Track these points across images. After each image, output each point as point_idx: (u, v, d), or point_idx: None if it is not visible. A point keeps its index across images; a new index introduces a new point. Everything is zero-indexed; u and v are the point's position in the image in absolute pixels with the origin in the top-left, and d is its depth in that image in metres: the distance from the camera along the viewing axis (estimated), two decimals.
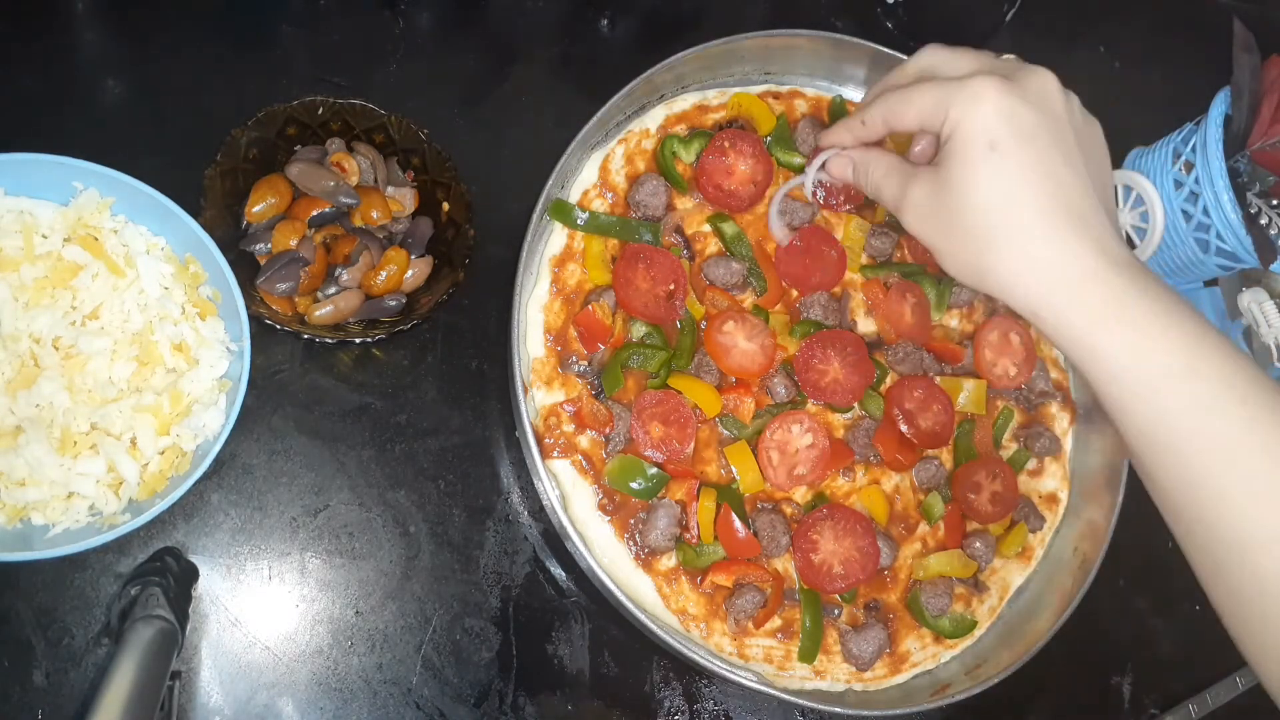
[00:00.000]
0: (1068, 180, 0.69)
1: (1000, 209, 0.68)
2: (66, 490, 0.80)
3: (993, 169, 0.68)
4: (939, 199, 0.71)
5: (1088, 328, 0.67)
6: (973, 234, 0.69)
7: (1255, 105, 1.07)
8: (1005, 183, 0.68)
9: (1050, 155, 0.69)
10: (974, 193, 0.69)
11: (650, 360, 0.96)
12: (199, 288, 0.88)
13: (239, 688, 0.88)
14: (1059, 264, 0.67)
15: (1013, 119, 0.68)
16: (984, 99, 0.68)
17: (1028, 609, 1.03)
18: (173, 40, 1.03)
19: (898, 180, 0.75)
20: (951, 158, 0.69)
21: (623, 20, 1.17)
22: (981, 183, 0.68)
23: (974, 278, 0.71)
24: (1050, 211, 0.68)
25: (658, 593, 0.92)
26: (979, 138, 0.68)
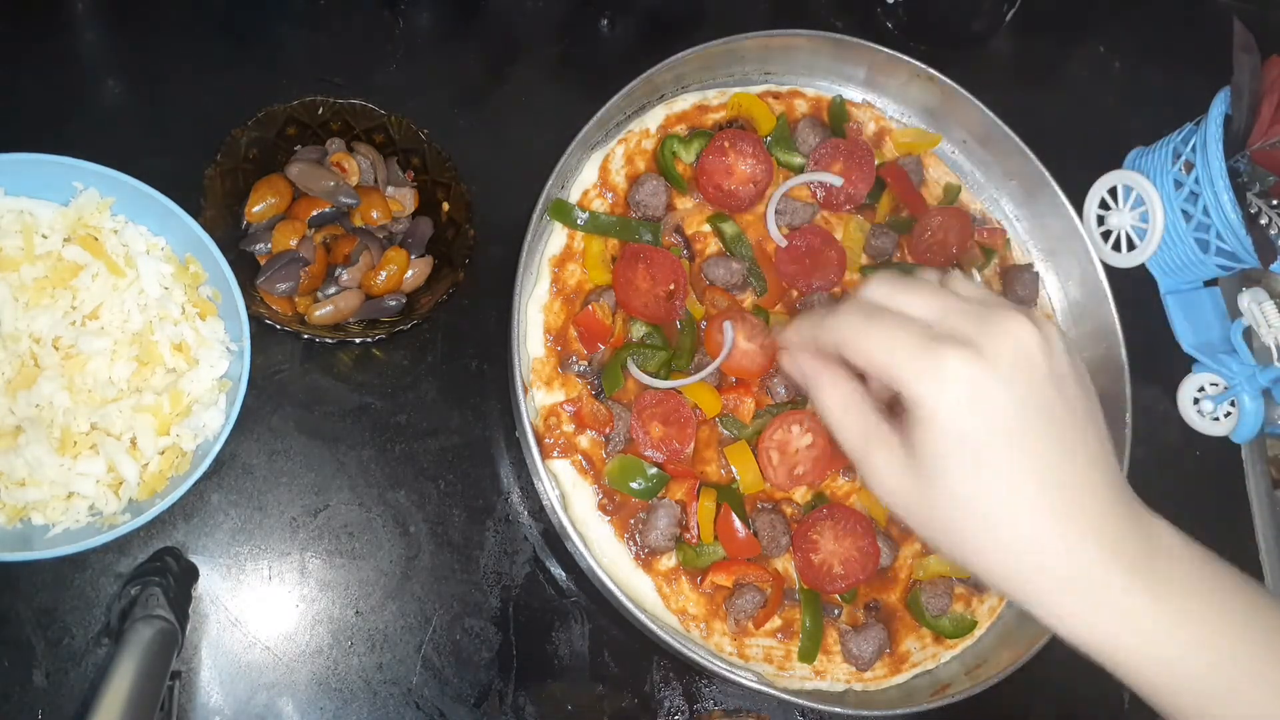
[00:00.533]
0: (1057, 464, 0.60)
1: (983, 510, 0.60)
2: (66, 490, 0.80)
3: (973, 470, 0.59)
4: (909, 476, 0.62)
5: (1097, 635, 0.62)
6: (951, 523, 0.61)
7: (1255, 105, 1.07)
8: (986, 484, 0.60)
9: (1037, 444, 0.59)
10: (953, 487, 0.60)
11: (650, 360, 0.96)
12: (199, 288, 0.88)
13: (239, 688, 0.88)
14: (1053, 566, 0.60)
15: (990, 410, 0.59)
16: (956, 385, 0.58)
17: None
18: (173, 40, 1.03)
19: (858, 429, 0.64)
20: (926, 454, 0.60)
21: (623, 20, 1.17)
22: (962, 481, 0.60)
23: (950, 557, 0.63)
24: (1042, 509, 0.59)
25: (658, 593, 0.92)
26: (954, 435, 0.59)
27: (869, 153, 1.07)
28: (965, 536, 0.61)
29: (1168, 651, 0.62)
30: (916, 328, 0.61)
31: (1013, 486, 0.60)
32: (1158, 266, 1.20)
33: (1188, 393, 1.19)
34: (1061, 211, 1.11)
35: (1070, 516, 0.60)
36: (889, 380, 0.61)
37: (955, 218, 1.09)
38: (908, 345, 0.60)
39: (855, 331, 0.63)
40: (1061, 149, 1.13)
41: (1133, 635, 0.62)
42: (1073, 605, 0.61)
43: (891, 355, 0.60)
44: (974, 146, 1.15)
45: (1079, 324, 1.13)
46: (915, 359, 0.59)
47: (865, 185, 1.07)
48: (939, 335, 0.60)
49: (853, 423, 0.65)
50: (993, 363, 0.59)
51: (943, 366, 0.58)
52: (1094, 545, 0.60)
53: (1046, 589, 0.61)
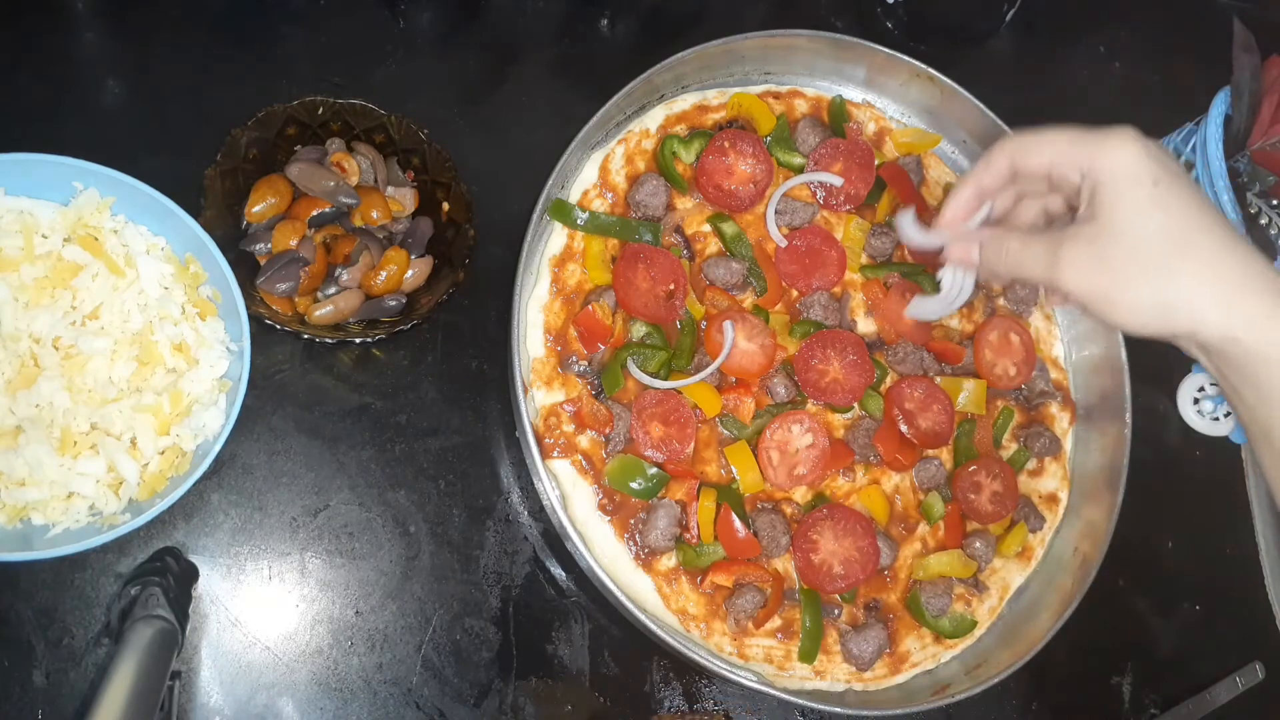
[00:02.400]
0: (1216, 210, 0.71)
1: (1180, 240, 0.68)
2: (66, 490, 0.80)
3: (1163, 201, 0.68)
4: (1104, 248, 0.70)
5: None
6: (1153, 269, 0.69)
7: (1255, 105, 1.07)
8: (1179, 211, 0.68)
9: (1198, 191, 0.70)
10: (1149, 226, 0.68)
11: (650, 360, 0.96)
12: (199, 288, 0.88)
13: (239, 688, 0.88)
14: (1254, 279, 0.67)
15: (1160, 160, 0.69)
16: (1129, 144, 0.70)
17: (1028, 609, 1.03)
18: (173, 40, 1.03)
19: (1043, 246, 0.74)
20: (1112, 204, 0.70)
21: (623, 20, 1.17)
22: (1156, 215, 0.68)
23: (1160, 315, 0.70)
24: (1227, 233, 0.69)
25: (658, 593, 0.92)
26: (1141, 177, 0.69)
27: (869, 153, 1.07)
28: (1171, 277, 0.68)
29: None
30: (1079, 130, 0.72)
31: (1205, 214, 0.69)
32: None
33: (1188, 393, 1.19)
34: None
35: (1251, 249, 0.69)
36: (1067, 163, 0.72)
37: None
38: (1079, 133, 0.72)
39: (1030, 143, 0.75)
40: None
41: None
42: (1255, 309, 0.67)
43: (1068, 142, 0.73)
44: (974, 146, 1.15)
45: (1078, 323, 1.13)
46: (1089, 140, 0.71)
47: (865, 185, 1.07)
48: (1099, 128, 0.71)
49: (1039, 247, 0.74)
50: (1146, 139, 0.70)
51: (1115, 135, 0.71)
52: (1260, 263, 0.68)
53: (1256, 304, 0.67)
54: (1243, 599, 1.16)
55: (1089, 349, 1.11)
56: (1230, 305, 0.67)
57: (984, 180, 0.79)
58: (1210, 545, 1.17)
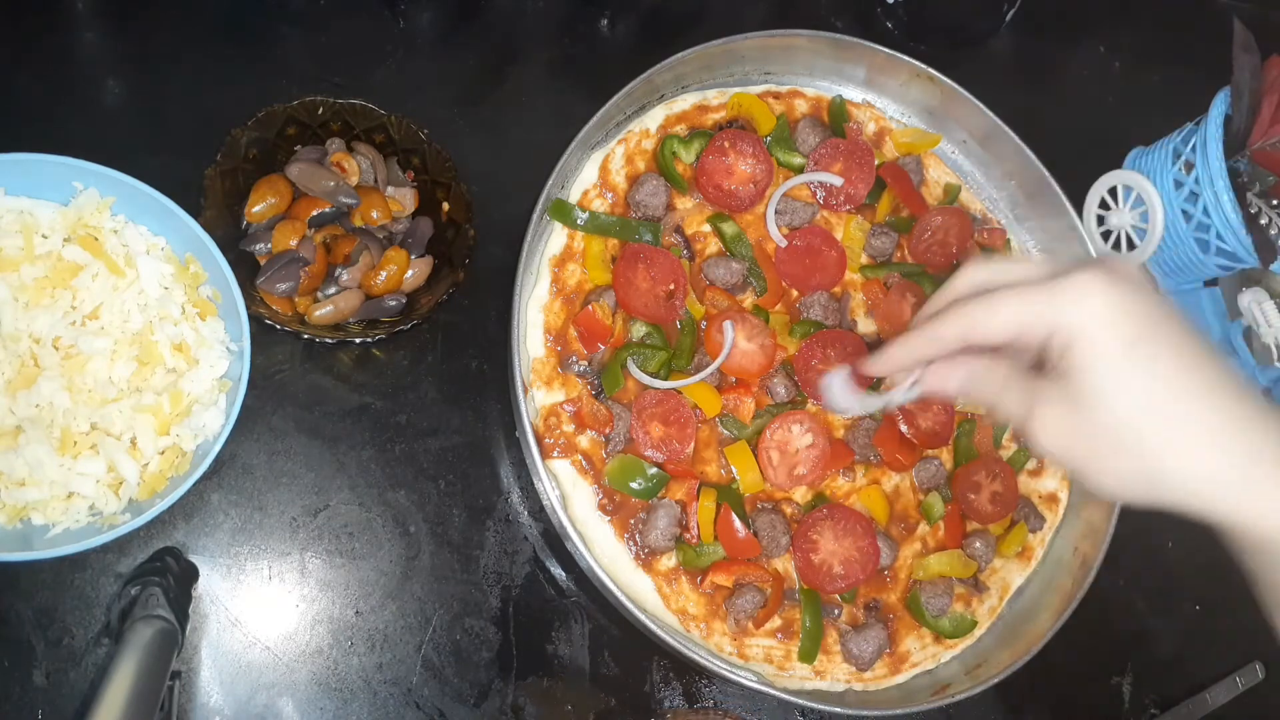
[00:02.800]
0: (1207, 356, 0.63)
1: (1160, 408, 0.61)
2: (66, 490, 0.80)
3: (1138, 369, 0.61)
4: (1079, 414, 0.63)
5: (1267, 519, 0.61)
6: (1134, 445, 0.62)
7: (1255, 105, 1.07)
8: (1157, 381, 0.61)
9: (1183, 338, 0.62)
10: (1125, 398, 0.61)
11: (650, 360, 0.96)
12: (199, 288, 0.88)
13: (239, 688, 0.88)
14: (1246, 453, 0.61)
15: (1134, 310, 0.61)
16: (1096, 297, 0.62)
17: (1028, 609, 1.03)
18: (173, 40, 1.03)
19: (1020, 396, 0.66)
20: (1085, 368, 0.62)
21: (623, 20, 1.17)
22: (1133, 385, 0.61)
23: (1138, 486, 0.63)
24: (1218, 400, 0.61)
25: (658, 593, 0.92)
26: (1111, 339, 0.61)
27: (869, 153, 1.07)
28: (1153, 454, 0.62)
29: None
30: (1035, 280, 0.64)
31: (1188, 380, 0.61)
32: (1158, 266, 1.20)
33: None
34: (1061, 211, 1.11)
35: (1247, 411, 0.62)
36: (1029, 331, 0.64)
37: (955, 218, 1.09)
38: (1034, 292, 0.64)
39: (979, 312, 0.66)
40: (1061, 149, 1.13)
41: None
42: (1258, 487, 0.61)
43: (1025, 306, 0.64)
44: (974, 146, 1.15)
45: None
46: (1048, 297, 0.63)
47: (865, 185, 1.07)
48: (1058, 274, 0.63)
49: (1013, 393, 0.67)
50: (1116, 276, 0.62)
51: (1075, 287, 0.62)
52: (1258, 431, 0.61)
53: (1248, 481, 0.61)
54: (1243, 599, 1.14)
55: None
56: (1227, 482, 0.61)
57: (927, 353, 0.70)
58: (1210, 545, 1.16)
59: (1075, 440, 0.64)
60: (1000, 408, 0.68)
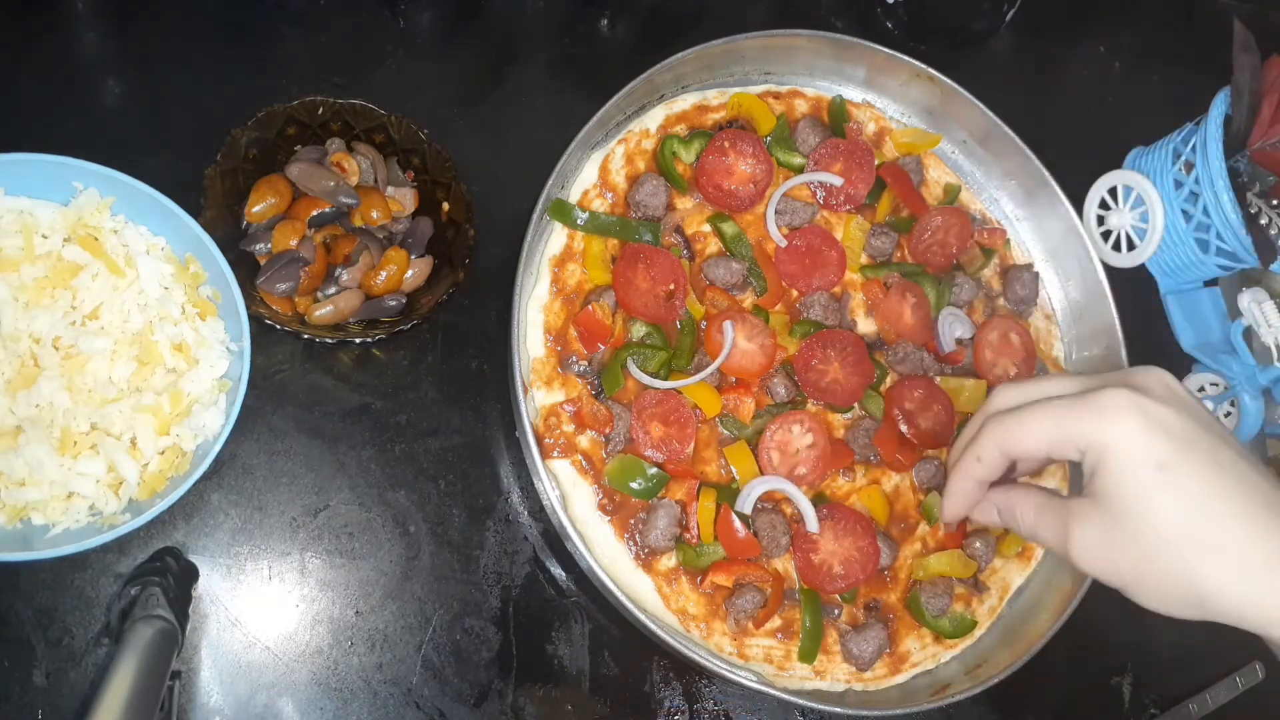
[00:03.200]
0: (1246, 471, 0.63)
1: (1198, 530, 0.61)
2: (66, 490, 0.80)
3: (1172, 490, 0.61)
4: (1114, 533, 0.63)
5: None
6: (1172, 564, 0.62)
7: (1255, 105, 1.07)
8: (1192, 502, 0.61)
9: (1218, 453, 0.62)
10: (1160, 520, 0.62)
11: (650, 360, 0.96)
12: (199, 288, 0.88)
13: (239, 688, 0.88)
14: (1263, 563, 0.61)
15: (1165, 430, 0.62)
16: (1126, 418, 0.62)
17: (1028, 609, 1.03)
18: (173, 40, 1.03)
19: (1054, 520, 0.67)
20: (1116, 488, 0.62)
21: (623, 20, 1.17)
22: (1166, 507, 0.61)
23: (1187, 607, 0.64)
24: (1251, 515, 0.61)
25: (658, 593, 0.92)
26: (1141, 460, 0.62)
27: (869, 153, 1.07)
28: (1192, 572, 0.62)
29: None
30: (1067, 396, 0.65)
31: (1221, 500, 0.61)
32: (1158, 267, 1.20)
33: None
34: (1061, 211, 1.11)
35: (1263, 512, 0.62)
36: (1060, 448, 0.65)
37: (955, 218, 1.09)
38: (1066, 409, 0.64)
39: (1017, 431, 0.67)
40: (1061, 149, 1.13)
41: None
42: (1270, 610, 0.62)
43: (1056, 424, 0.65)
44: (974, 146, 1.15)
45: (1079, 324, 1.13)
46: (1079, 415, 0.63)
47: (865, 185, 1.07)
48: (1090, 390, 0.64)
49: (1051, 520, 0.67)
50: (1148, 393, 0.63)
51: (1106, 406, 0.62)
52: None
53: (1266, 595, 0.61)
54: None
55: (1090, 350, 1.11)
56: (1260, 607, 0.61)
57: (979, 474, 0.72)
58: None
59: (1113, 560, 0.64)
60: (1036, 533, 0.69)
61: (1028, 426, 0.67)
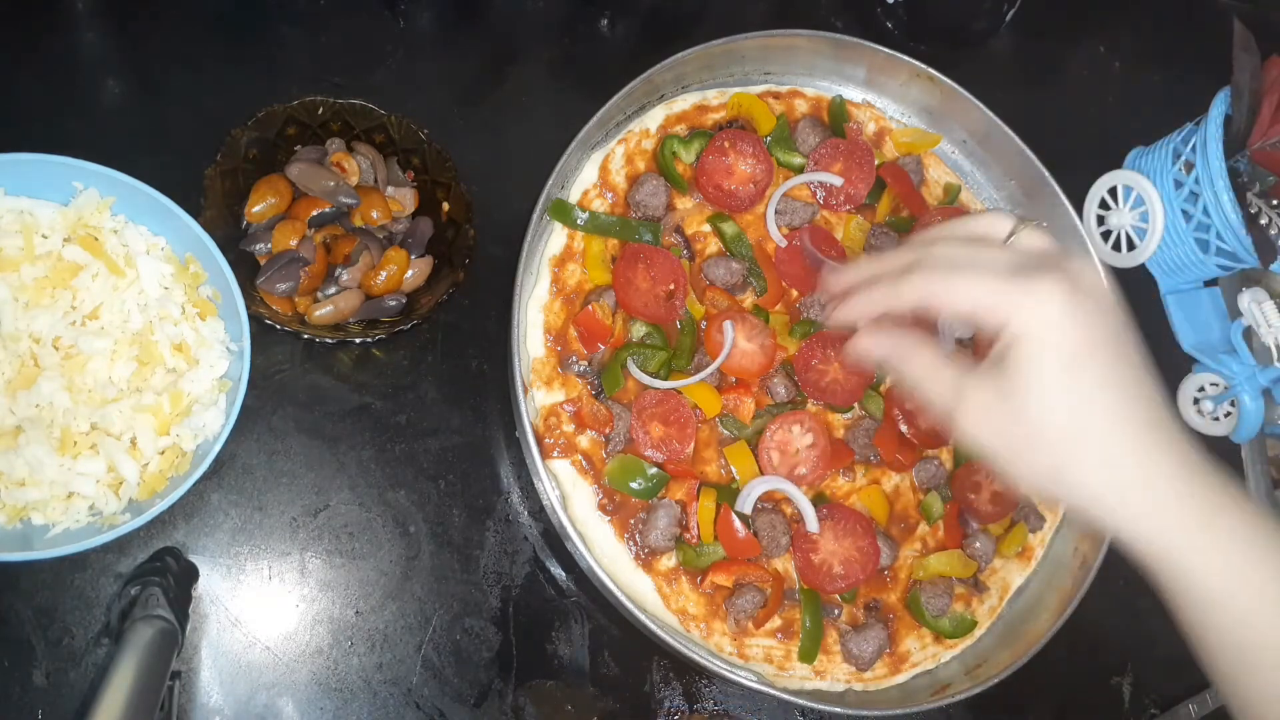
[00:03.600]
0: (1143, 389, 0.65)
1: (1081, 425, 0.64)
2: (66, 490, 0.80)
3: (1071, 382, 0.64)
4: (1005, 406, 0.65)
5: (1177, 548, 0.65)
6: (1048, 446, 0.65)
7: (1255, 105, 1.07)
8: (1085, 399, 0.64)
9: (1122, 365, 0.65)
10: (1052, 405, 0.64)
11: (650, 360, 0.96)
12: (199, 288, 0.88)
13: (239, 688, 0.88)
14: (1144, 482, 0.64)
15: (1083, 325, 0.64)
16: (1051, 303, 0.64)
17: (1028, 609, 1.03)
18: (173, 40, 1.03)
19: (949, 379, 0.68)
20: (1020, 366, 0.64)
21: (623, 20, 1.17)
22: (1061, 396, 0.64)
23: (1047, 487, 0.67)
24: (1134, 427, 0.64)
25: (658, 593, 0.92)
26: (1053, 349, 0.64)
27: (869, 153, 1.07)
28: (1063, 460, 0.65)
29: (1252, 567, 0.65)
30: (1001, 270, 0.66)
31: (1105, 397, 0.64)
32: (1158, 266, 1.20)
33: (1188, 393, 1.19)
34: (1061, 211, 1.11)
35: (1160, 444, 0.64)
36: (983, 317, 0.66)
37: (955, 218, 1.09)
38: (999, 281, 0.65)
39: (942, 284, 0.68)
40: (1061, 149, 1.13)
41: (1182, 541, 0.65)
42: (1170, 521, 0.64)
43: (986, 293, 0.65)
44: (974, 146, 1.15)
45: None
46: (1009, 291, 0.64)
47: (865, 185, 1.07)
48: (1026, 268, 0.65)
49: (942, 378, 0.69)
50: (1077, 285, 0.64)
51: (1036, 290, 0.64)
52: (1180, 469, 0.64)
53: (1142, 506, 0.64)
54: None
55: None
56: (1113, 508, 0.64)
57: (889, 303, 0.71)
58: None
59: (997, 430, 0.67)
60: (926, 387, 0.70)
61: (959, 291, 0.67)
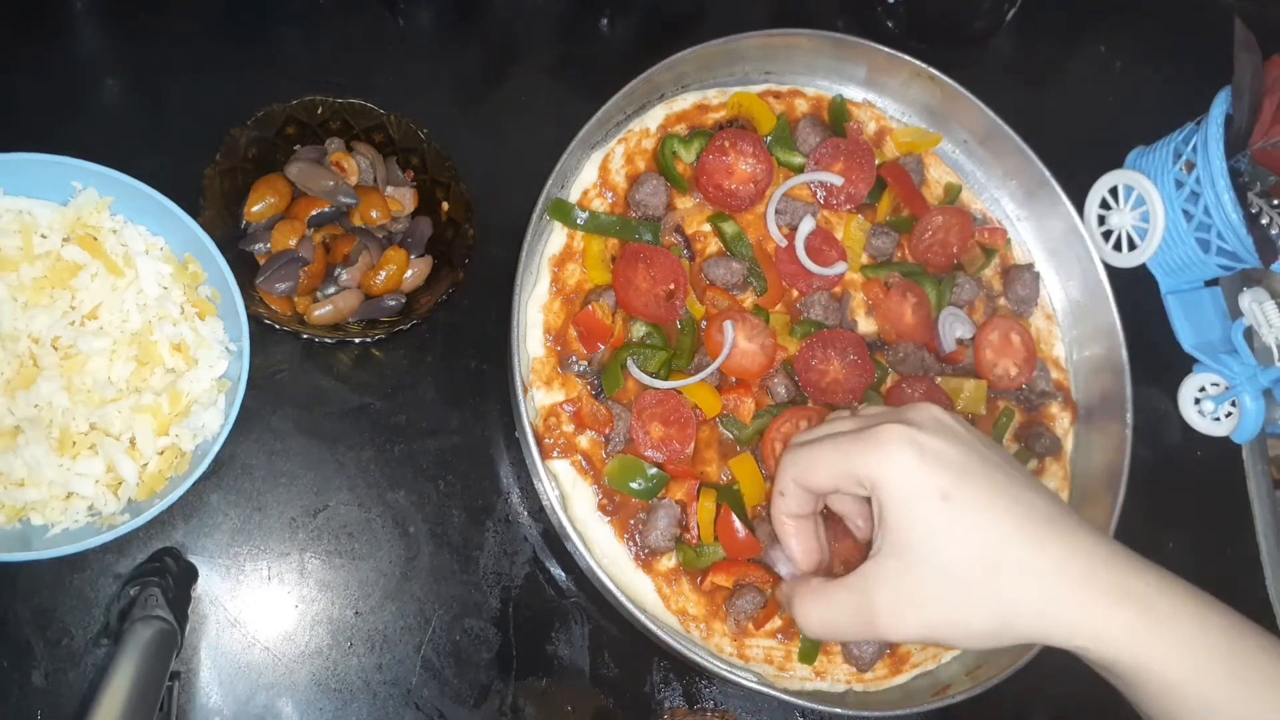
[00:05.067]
0: (1023, 492, 0.65)
1: (991, 555, 0.62)
2: (65, 491, 0.80)
3: (960, 520, 0.62)
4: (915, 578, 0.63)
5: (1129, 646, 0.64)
6: (976, 594, 0.63)
7: (1256, 105, 1.07)
8: (980, 529, 0.63)
9: (994, 478, 0.64)
10: (955, 551, 0.63)
11: (650, 360, 0.96)
12: (198, 288, 0.88)
13: (239, 688, 0.88)
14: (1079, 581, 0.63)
15: (941, 460, 0.63)
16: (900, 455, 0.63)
17: None
18: (173, 40, 1.03)
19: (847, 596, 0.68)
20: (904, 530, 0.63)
21: (623, 20, 1.17)
22: (958, 538, 0.63)
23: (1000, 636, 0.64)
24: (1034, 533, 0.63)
25: (658, 593, 0.92)
26: (925, 493, 0.63)
27: (869, 152, 1.07)
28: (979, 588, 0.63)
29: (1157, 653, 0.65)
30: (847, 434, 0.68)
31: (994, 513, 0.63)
32: (1158, 266, 1.20)
33: (1188, 393, 1.19)
34: (1062, 211, 1.11)
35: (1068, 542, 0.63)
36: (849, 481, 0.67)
37: (956, 217, 1.09)
38: (846, 444, 0.67)
39: (806, 464, 0.70)
40: (1062, 149, 1.13)
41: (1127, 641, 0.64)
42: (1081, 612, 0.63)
43: (839, 458, 0.67)
44: (975, 146, 1.15)
45: (1079, 324, 1.13)
46: (858, 449, 0.66)
47: (866, 185, 1.07)
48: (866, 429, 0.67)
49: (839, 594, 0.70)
50: (920, 426, 0.65)
51: (883, 441, 0.64)
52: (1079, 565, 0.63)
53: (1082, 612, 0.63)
54: (1243, 599, 1.15)
55: (1090, 349, 1.11)
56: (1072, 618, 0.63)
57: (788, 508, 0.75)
58: (1210, 545, 1.17)
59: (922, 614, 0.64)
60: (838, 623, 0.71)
61: (814, 460, 0.69)
